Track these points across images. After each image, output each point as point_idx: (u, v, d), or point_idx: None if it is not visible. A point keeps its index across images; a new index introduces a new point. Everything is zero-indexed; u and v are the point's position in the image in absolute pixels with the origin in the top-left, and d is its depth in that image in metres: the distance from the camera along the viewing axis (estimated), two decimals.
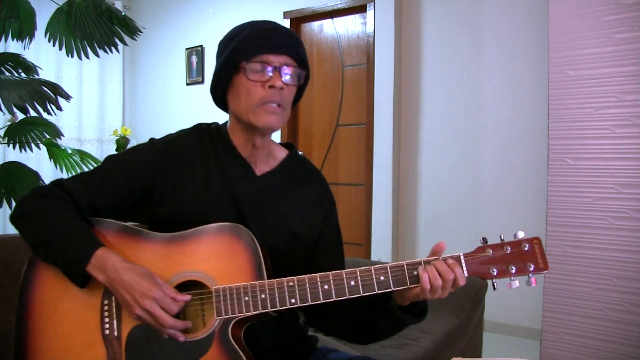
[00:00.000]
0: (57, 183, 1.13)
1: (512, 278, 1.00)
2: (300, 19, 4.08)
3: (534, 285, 0.99)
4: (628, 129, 2.12)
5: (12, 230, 1.17)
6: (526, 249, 0.99)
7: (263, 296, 1.02)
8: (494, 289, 1.02)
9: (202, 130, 1.19)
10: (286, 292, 1.02)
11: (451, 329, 1.93)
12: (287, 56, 1.11)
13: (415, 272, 1.00)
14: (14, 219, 1.11)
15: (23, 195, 1.13)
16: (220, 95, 1.17)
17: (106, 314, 1.05)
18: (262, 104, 1.09)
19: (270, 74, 1.08)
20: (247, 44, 1.09)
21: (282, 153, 1.24)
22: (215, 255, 1.06)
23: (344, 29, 3.91)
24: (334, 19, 3.94)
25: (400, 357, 1.68)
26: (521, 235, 1.00)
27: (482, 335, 2.19)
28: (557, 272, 2.27)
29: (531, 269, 0.99)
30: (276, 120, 1.11)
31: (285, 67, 1.10)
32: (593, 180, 2.20)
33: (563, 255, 2.26)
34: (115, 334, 1.05)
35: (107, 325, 1.05)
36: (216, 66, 1.15)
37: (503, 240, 1.01)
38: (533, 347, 2.51)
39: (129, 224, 1.13)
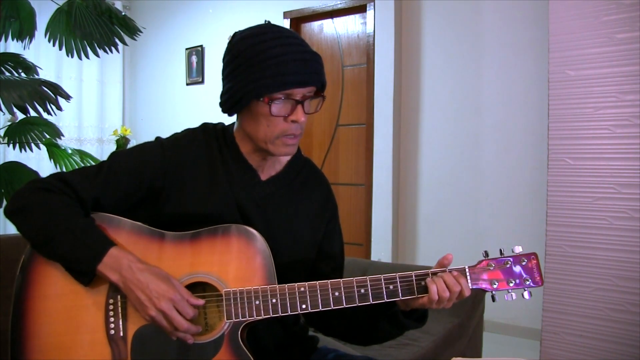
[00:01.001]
0: (59, 177, 1.09)
1: (510, 290, 1.05)
2: (300, 19, 4.07)
3: (527, 298, 1.05)
4: (628, 129, 2.12)
5: (11, 230, 1.15)
6: (524, 263, 1.05)
7: (274, 301, 1.02)
8: (493, 300, 1.06)
9: (209, 131, 1.18)
10: (297, 298, 1.02)
11: (451, 329, 1.93)
12: (311, 86, 1.07)
13: (423, 283, 1.03)
14: (10, 213, 1.06)
15: (20, 188, 1.08)
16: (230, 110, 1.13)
17: (111, 313, 1.03)
18: (282, 136, 1.08)
19: (294, 108, 1.06)
20: (274, 80, 1.03)
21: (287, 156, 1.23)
22: (225, 257, 1.05)
23: (344, 29, 3.90)
24: (334, 19, 3.94)
25: (400, 357, 1.69)
26: (519, 249, 1.06)
27: (482, 335, 2.19)
28: (557, 272, 2.26)
29: (528, 283, 1.05)
30: (293, 149, 1.12)
31: (308, 99, 1.08)
32: (593, 180, 2.19)
33: (563, 255, 2.25)
34: (121, 334, 1.03)
35: (112, 325, 1.03)
36: (232, 84, 1.08)
37: (503, 254, 1.06)
38: (533, 347, 2.51)
39: (135, 221, 1.10)
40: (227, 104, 1.11)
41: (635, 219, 2.10)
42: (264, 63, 1.03)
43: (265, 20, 1.28)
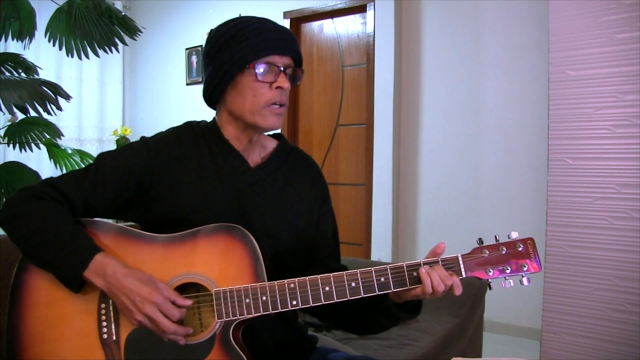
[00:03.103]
0: (49, 182, 1.10)
1: (507, 277, 1.01)
2: (300, 19, 4.07)
3: (526, 284, 1.00)
4: (628, 129, 2.12)
5: None
6: (520, 249, 1.01)
7: (264, 298, 1.02)
8: (490, 288, 1.03)
9: (193, 127, 1.20)
10: (287, 294, 1.02)
11: (451, 329, 1.93)
12: (290, 57, 1.13)
13: (415, 274, 1.01)
14: (1, 221, 1.07)
15: (11, 196, 1.09)
16: (214, 92, 1.16)
17: (104, 317, 1.04)
18: (269, 105, 1.11)
19: (278, 76, 1.11)
20: (257, 46, 1.10)
21: (272, 143, 1.25)
22: (214, 257, 1.05)
23: (344, 29, 3.90)
24: (334, 19, 3.94)
25: (400, 357, 1.68)
26: (515, 235, 1.02)
27: (482, 335, 2.19)
28: (557, 272, 2.27)
29: (525, 269, 1.01)
30: (280, 121, 1.14)
31: (289, 68, 1.13)
32: (593, 180, 2.19)
33: (563, 255, 2.25)
34: (114, 338, 1.03)
35: (105, 330, 1.03)
36: (215, 64, 1.13)
37: (498, 240, 1.02)
38: (533, 347, 2.51)
39: (124, 224, 1.12)
40: (211, 86, 1.14)
41: (635, 219, 2.10)
42: (245, 35, 1.11)
43: (239, 14, 1.33)
